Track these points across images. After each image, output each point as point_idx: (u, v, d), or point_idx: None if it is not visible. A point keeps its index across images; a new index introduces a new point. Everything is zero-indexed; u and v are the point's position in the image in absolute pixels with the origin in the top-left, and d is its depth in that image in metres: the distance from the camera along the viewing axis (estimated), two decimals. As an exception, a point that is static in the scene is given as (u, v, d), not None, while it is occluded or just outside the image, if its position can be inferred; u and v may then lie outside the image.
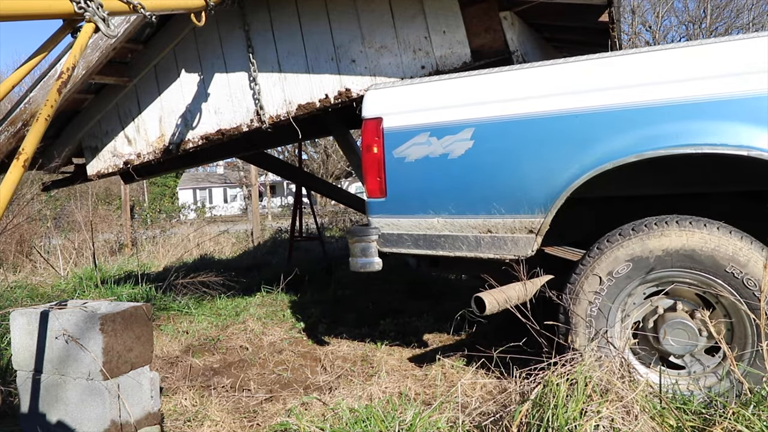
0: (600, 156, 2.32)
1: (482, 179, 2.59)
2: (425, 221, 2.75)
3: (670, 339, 2.32)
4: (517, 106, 2.50)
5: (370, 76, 3.48)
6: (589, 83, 2.39)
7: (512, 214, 2.54)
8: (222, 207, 34.85)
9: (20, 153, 1.96)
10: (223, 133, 3.96)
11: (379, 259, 2.89)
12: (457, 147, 2.61)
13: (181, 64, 4.04)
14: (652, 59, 2.32)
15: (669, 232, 2.30)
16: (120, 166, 4.37)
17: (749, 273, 2.17)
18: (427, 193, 2.73)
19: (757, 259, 2.18)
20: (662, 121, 2.23)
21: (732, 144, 2.11)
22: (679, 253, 2.27)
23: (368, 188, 2.85)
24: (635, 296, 2.42)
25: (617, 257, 2.36)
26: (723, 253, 2.21)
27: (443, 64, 3.31)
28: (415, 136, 2.71)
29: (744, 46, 2.17)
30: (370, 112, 2.84)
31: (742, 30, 15.46)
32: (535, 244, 2.52)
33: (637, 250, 2.33)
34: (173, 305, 4.93)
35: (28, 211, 10.85)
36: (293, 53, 3.69)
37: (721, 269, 2.21)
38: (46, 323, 2.29)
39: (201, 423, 2.64)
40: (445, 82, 2.74)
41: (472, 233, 2.65)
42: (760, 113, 2.10)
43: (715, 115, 2.15)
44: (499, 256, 2.60)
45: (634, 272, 2.35)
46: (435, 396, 2.76)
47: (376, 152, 2.79)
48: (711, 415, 1.93)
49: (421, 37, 3.34)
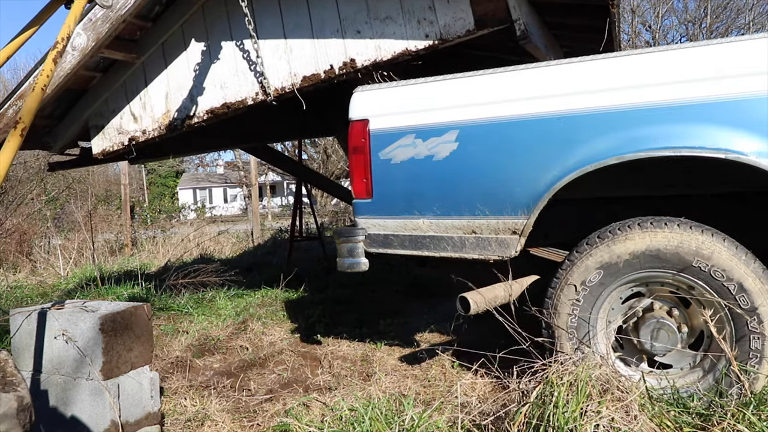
0: (581, 158, 2.35)
1: (466, 181, 2.62)
2: (411, 222, 2.78)
3: (651, 339, 2.36)
4: (500, 109, 2.54)
5: (375, 46, 3.55)
6: (571, 86, 2.42)
7: (496, 216, 2.57)
8: (222, 207, 34.86)
9: (18, 122, 2.04)
10: (229, 107, 4.01)
11: (366, 260, 2.91)
12: (442, 149, 2.64)
13: (188, 40, 4.10)
14: (632, 63, 2.35)
15: (632, 235, 2.33)
16: (125, 144, 4.41)
17: (715, 264, 2.20)
18: (413, 195, 2.76)
19: (720, 250, 2.21)
20: (642, 124, 2.26)
21: (710, 147, 2.15)
22: (645, 255, 2.31)
23: (355, 189, 2.89)
24: (612, 302, 2.45)
25: (587, 266, 2.40)
26: (687, 248, 2.24)
27: (447, 33, 3.36)
28: (401, 137, 2.74)
29: (719, 50, 2.21)
30: (356, 113, 2.87)
31: (743, 30, 15.47)
32: (518, 245, 2.54)
33: (606, 256, 2.37)
34: (173, 305, 4.93)
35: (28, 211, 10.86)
36: (299, 26, 3.75)
37: (688, 264, 2.24)
38: (45, 323, 2.29)
39: (201, 423, 2.64)
40: (430, 84, 2.77)
41: (457, 234, 2.68)
42: (737, 117, 2.14)
43: (694, 118, 2.19)
44: (484, 257, 2.63)
45: (607, 279, 2.38)
46: (435, 396, 2.76)
47: (362, 154, 2.82)
48: (710, 415, 1.93)
49: (425, 6, 3.40)
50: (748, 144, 2.10)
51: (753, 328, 2.16)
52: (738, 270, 2.18)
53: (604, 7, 3.52)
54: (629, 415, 1.83)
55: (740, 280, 2.17)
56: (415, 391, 2.85)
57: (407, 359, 3.44)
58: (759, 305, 2.15)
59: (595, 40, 4.30)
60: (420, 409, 2.46)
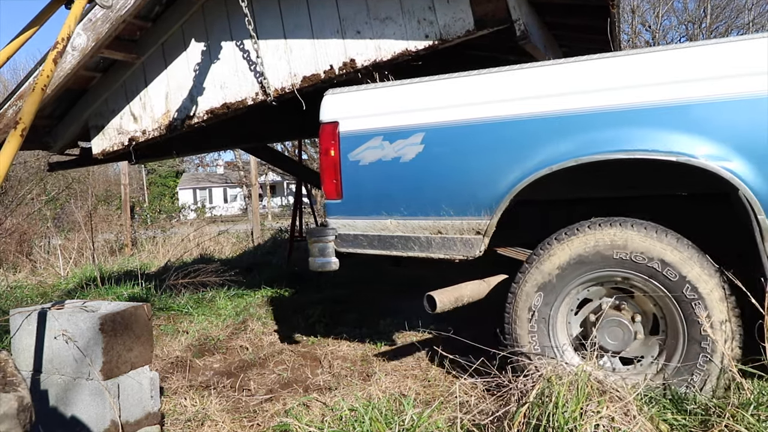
0: (540, 161, 2.42)
1: (432, 182, 2.69)
2: (379, 222, 2.84)
3: (606, 337, 2.44)
4: (464, 112, 2.61)
5: (375, 46, 3.55)
6: (529, 91, 2.49)
7: (460, 216, 2.63)
8: (222, 207, 34.85)
9: (18, 123, 2.04)
10: (229, 107, 4.02)
11: (336, 259, 2.97)
12: (409, 151, 2.70)
13: (188, 40, 4.11)
14: (588, 68, 2.42)
15: (555, 251, 2.45)
16: (125, 144, 4.41)
17: (632, 250, 2.31)
18: (381, 196, 2.82)
19: (631, 236, 2.32)
20: (598, 127, 2.33)
21: (662, 150, 2.22)
22: (572, 264, 2.42)
23: (325, 190, 2.95)
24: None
25: (532, 283, 2.51)
26: (603, 245, 2.36)
27: (447, 33, 3.37)
28: (370, 140, 2.80)
29: (670, 57, 2.28)
30: (327, 116, 2.93)
31: (743, 30, 15.46)
32: (482, 245, 2.61)
33: (546, 271, 2.47)
34: (173, 305, 4.93)
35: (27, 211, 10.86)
36: (299, 26, 3.75)
37: (609, 258, 2.35)
38: (45, 323, 2.29)
39: (201, 423, 2.65)
40: (397, 88, 2.84)
41: (423, 234, 2.74)
42: (688, 121, 2.20)
43: (648, 122, 2.26)
44: (450, 257, 2.70)
45: (549, 297, 2.48)
46: (435, 396, 2.76)
47: (332, 155, 2.88)
48: (708, 416, 1.93)
49: (425, 6, 3.41)
50: (698, 147, 2.18)
51: (690, 296, 2.24)
52: (654, 248, 2.28)
53: (604, 8, 3.53)
54: (628, 415, 1.83)
55: (660, 256, 2.27)
56: (415, 391, 2.85)
57: (407, 359, 3.44)
58: (686, 273, 2.24)
59: (595, 40, 4.30)
60: (420, 409, 2.46)
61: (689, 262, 2.24)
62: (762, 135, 2.10)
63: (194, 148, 6.09)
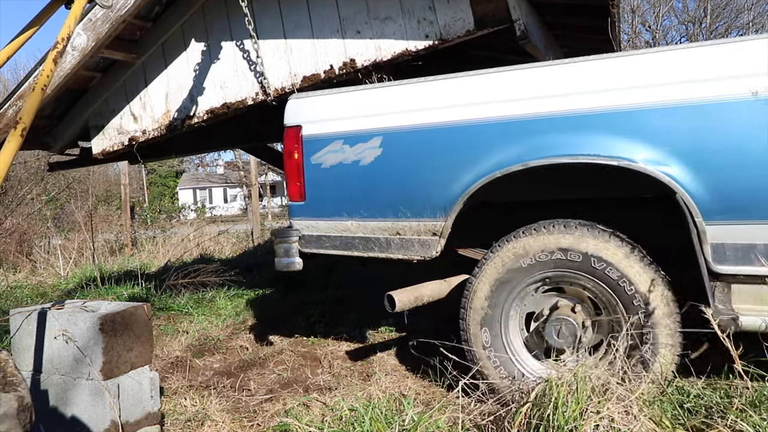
0: (492, 164, 2.48)
1: (390, 184, 2.76)
2: (341, 224, 2.91)
3: (554, 336, 2.48)
4: (418, 117, 2.68)
5: (375, 46, 3.56)
6: (479, 96, 2.56)
7: (417, 218, 2.70)
8: (222, 207, 34.86)
9: (18, 123, 2.05)
10: (229, 107, 4.03)
11: (300, 260, 3.05)
12: (368, 154, 2.77)
13: (188, 40, 4.11)
14: (533, 76, 2.48)
15: (491, 263, 2.54)
16: (125, 144, 4.42)
17: (552, 250, 2.40)
18: (342, 198, 2.89)
19: (557, 238, 2.41)
20: (544, 133, 2.41)
21: (604, 155, 2.28)
22: (513, 270, 2.49)
23: (289, 192, 3.01)
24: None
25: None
26: (519, 251, 2.47)
27: (447, 33, 3.38)
28: (331, 143, 2.86)
29: (611, 64, 2.34)
30: (290, 120, 2.99)
31: (743, 30, 15.47)
32: (439, 246, 2.68)
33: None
34: (173, 305, 4.93)
35: (27, 211, 10.86)
36: (299, 26, 3.76)
37: (537, 261, 2.45)
38: (45, 323, 2.29)
39: (201, 423, 2.65)
40: (357, 93, 2.91)
41: (383, 235, 2.81)
42: (628, 127, 2.26)
43: (591, 128, 2.32)
44: (408, 257, 2.77)
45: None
46: (435, 396, 2.76)
47: (296, 158, 2.94)
48: (711, 415, 1.93)
49: (425, 6, 3.42)
50: (638, 152, 2.23)
51: (622, 283, 2.30)
52: (582, 244, 2.36)
53: (604, 7, 3.53)
54: (629, 414, 1.83)
55: (585, 250, 2.35)
56: (415, 391, 2.85)
57: (407, 359, 3.44)
58: (612, 262, 2.30)
59: (595, 40, 4.30)
60: (420, 409, 2.46)
61: (625, 259, 2.31)
62: (698, 140, 2.17)
63: (194, 148, 6.09)
